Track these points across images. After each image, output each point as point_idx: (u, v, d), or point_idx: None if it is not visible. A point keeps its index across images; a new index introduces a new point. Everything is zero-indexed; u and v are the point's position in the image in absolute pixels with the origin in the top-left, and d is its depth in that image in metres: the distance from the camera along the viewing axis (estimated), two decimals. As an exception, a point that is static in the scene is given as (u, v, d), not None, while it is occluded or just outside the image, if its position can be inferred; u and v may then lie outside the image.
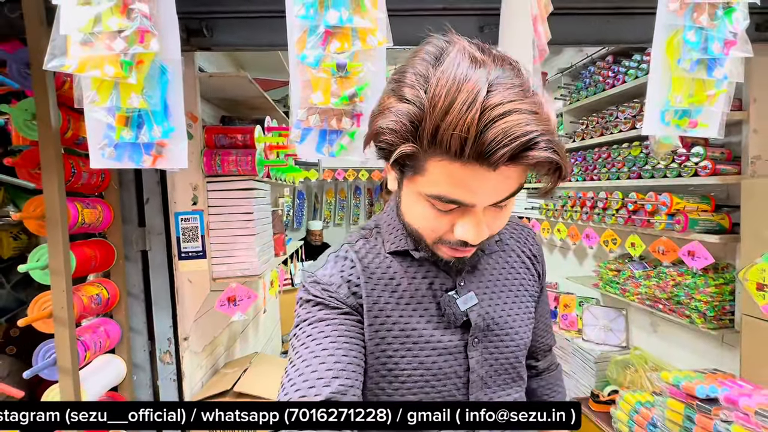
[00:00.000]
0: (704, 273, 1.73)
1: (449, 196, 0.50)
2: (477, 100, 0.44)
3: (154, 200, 1.51)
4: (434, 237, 0.57)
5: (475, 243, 0.54)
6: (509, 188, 0.51)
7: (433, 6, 1.31)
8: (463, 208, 0.52)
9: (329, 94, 0.67)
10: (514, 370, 0.69)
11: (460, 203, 0.51)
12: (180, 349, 1.53)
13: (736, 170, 1.64)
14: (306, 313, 0.63)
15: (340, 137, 0.70)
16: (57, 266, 1.06)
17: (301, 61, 0.67)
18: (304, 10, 0.66)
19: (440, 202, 0.52)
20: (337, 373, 0.56)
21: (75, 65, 0.61)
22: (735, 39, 0.65)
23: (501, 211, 0.55)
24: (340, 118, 0.68)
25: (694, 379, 1.50)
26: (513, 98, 0.45)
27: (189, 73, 1.49)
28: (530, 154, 0.45)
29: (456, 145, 0.45)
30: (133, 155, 0.67)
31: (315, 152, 0.69)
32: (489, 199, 0.51)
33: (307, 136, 0.69)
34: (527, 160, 0.45)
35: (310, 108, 0.68)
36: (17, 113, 1.11)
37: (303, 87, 0.68)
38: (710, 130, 0.70)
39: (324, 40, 0.67)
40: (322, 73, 0.67)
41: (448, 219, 0.54)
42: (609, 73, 2.21)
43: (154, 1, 0.63)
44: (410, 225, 0.60)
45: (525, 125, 0.44)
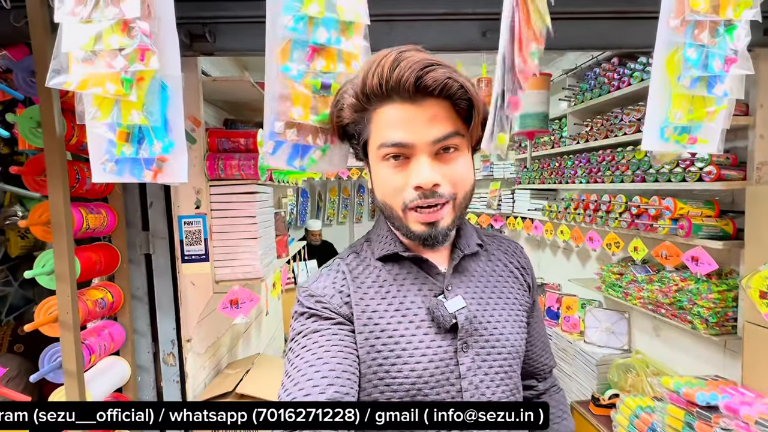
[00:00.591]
0: (707, 279, 1.72)
1: (391, 140, 0.60)
2: (390, 54, 0.58)
3: (157, 204, 1.52)
4: (400, 202, 0.62)
5: (427, 185, 0.60)
6: (440, 127, 0.60)
7: (435, 11, 1.30)
8: (411, 158, 0.61)
9: (309, 110, 0.67)
10: (510, 380, 0.68)
11: (401, 144, 0.60)
12: (183, 351, 1.55)
13: (742, 176, 1.62)
14: (300, 326, 0.64)
15: (312, 151, 0.70)
16: (62, 272, 1.08)
17: (284, 73, 0.66)
18: (293, 22, 0.65)
19: (389, 149, 0.60)
20: (332, 380, 0.57)
21: (76, 83, 0.62)
22: (736, 56, 0.64)
23: (451, 161, 0.62)
24: (315, 135, 0.69)
25: (694, 386, 1.49)
26: (423, 54, 0.59)
27: (192, 78, 1.50)
28: (430, 75, 0.57)
29: (376, 84, 0.58)
30: (133, 170, 0.68)
31: (286, 164, 0.69)
32: (424, 135, 0.59)
33: (280, 148, 0.69)
34: (429, 82, 0.57)
35: (288, 122, 0.67)
36: (23, 121, 1.13)
37: (281, 99, 0.67)
38: (710, 146, 0.70)
39: (310, 56, 0.66)
40: (304, 89, 0.66)
41: (403, 174, 0.61)
42: (614, 75, 2.19)
43: (154, 19, 0.63)
44: (381, 200, 0.65)
45: (427, 59, 0.58)
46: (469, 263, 0.72)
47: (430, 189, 0.60)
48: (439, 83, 0.57)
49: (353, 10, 0.67)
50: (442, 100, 0.60)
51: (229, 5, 1.26)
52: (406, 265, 0.69)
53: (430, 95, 0.59)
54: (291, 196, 4.54)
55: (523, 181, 3.33)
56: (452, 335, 0.65)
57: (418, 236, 0.64)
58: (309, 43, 0.65)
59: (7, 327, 1.78)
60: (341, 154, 0.74)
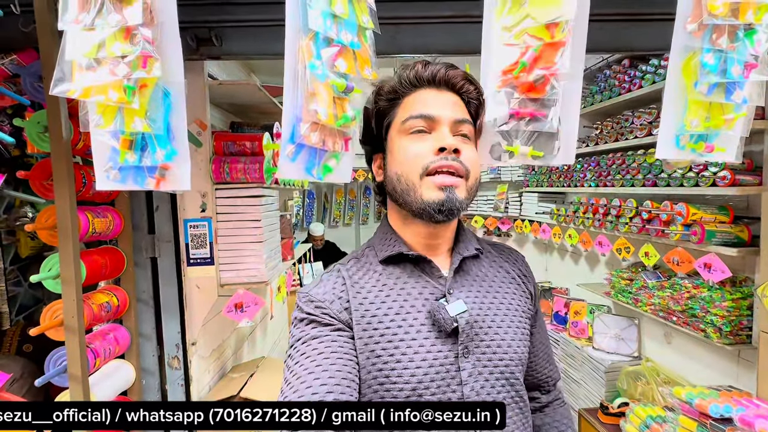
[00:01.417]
0: (721, 286, 1.68)
1: (420, 111, 0.67)
2: (420, 60, 0.71)
3: (163, 208, 1.53)
4: (419, 167, 0.65)
5: (451, 147, 0.64)
6: (459, 113, 0.68)
7: (442, 14, 1.29)
8: (435, 130, 0.67)
9: (332, 113, 0.64)
10: (512, 388, 0.67)
11: (427, 116, 0.66)
12: (188, 354, 1.55)
13: (757, 181, 1.58)
14: (300, 332, 0.64)
15: (325, 158, 0.67)
16: (68, 276, 1.08)
17: (311, 71, 0.63)
18: (321, 20, 0.62)
19: (415, 120, 0.67)
20: (332, 387, 0.56)
21: (80, 91, 0.61)
22: (756, 62, 0.62)
23: (466, 143, 0.67)
24: (335, 139, 0.66)
25: (708, 397, 1.45)
26: (446, 63, 0.71)
27: (198, 82, 1.50)
28: (455, 72, 0.69)
29: (412, 76, 0.69)
30: (137, 178, 0.67)
31: (305, 173, 0.66)
32: (447, 113, 0.67)
33: (300, 153, 0.65)
34: (452, 78, 0.69)
35: (313, 124, 0.64)
36: (30, 125, 1.13)
37: (306, 99, 0.63)
38: (727, 154, 0.67)
39: (335, 57, 0.64)
40: (325, 90, 0.64)
41: (426, 143, 0.66)
42: (625, 78, 2.15)
43: (157, 26, 0.63)
44: (397, 172, 0.68)
45: (449, 65, 0.70)
46: (471, 268, 0.72)
47: (452, 153, 0.64)
48: (461, 78, 0.69)
49: (366, 16, 0.67)
50: (460, 95, 0.70)
51: (236, 9, 1.26)
52: (408, 268, 0.69)
53: (452, 88, 0.69)
54: (297, 198, 4.54)
55: (530, 184, 3.29)
56: (453, 340, 0.64)
57: (431, 204, 0.64)
58: (335, 42, 0.63)
59: (17, 327, 1.80)
60: (349, 162, 0.73)
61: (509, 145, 0.64)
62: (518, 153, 0.63)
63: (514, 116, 0.64)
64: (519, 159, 0.65)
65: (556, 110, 0.65)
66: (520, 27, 0.64)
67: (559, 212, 2.78)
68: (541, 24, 0.63)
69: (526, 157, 0.65)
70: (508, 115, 0.64)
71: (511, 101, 0.65)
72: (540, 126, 0.65)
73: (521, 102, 0.64)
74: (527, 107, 0.63)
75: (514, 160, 0.65)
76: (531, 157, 0.65)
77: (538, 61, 0.65)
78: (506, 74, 0.64)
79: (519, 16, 0.64)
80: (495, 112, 0.68)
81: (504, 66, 0.66)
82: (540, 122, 0.65)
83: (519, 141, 0.64)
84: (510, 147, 0.63)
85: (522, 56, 0.65)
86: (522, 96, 0.64)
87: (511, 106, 0.64)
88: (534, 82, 0.65)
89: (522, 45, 0.65)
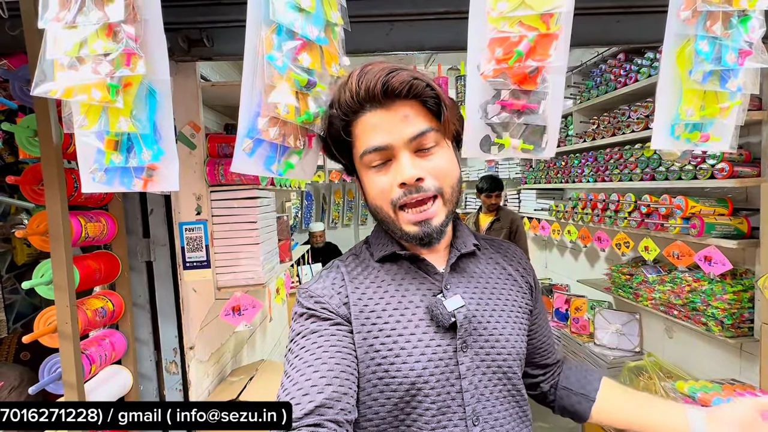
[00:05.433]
0: (722, 279, 1.66)
1: (370, 145, 0.62)
2: (356, 70, 0.63)
3: (158, 211, 1.51)
4: (389, 202, 0.64)
5: (410, 180, 0.61)
6: (414, 125, 0.62)
7: (436, 10, 1.28)
8: (392, 159, 0.63)
9: (293, 108, 0.62)
10: (509, 381, 0.68)
11: (380, 148, 0.62)
12: (186, 359, 1.54)
13: (756, 172, 1.57)
14: (299, 327, 0.65)
15: (287, 155, 0.65)
16: (60, 282, 1.07)
17: (269, 62, 0.60)
18: (285, 12, 0.61)
19: (371, 156, 0.63)
20: (330, 380, 0.57)
21: (62, 90, 0.60)
22: (750, 49, 0.61)
23: (431, 156, 0.63)
24: (296, 136, 0.65)
25: (710, 390, 1.44)
26: (387, 63, 0.62)
27: (191, 83, 1.48)
28: (395, 78, 0.60)
29: (348, 99, 0.62)
30: (123, 179, 0.66)
31: (263, 168, 0.63)
32: (399, 135, 0.61)
33: (258, 149, 0.63)
34: (395, 84, 0.60)
35: (272, 118, 0.62)
36: (20, 130, 1.12)
37: (264, 92, 0.61)
38: (722, 143, 0.66)
39: (299, 50, 0.62)
40: (287, 83, 0.62)
41: (388, 175, 0.63)
42: (621, 72, 2.14)
43: (140, 22, 0.61)
44: (372, 205, 0.67)
45: (390, 65, 0.61)
46: (468, 264, 0.72)
47: (414, 184, 0.62)
48: (405, 84, 0.60)
49: (335, 11, 0.65)
50: (411, 101, 0.62)
51: (227, 9, 1.25)
52: (404, 265, 0.70)
53: (398, 97, 0.62)
54: (296, 200, 4.53)
55: (528, 181, 3.28)
56: (451, 334, 0.64)
57: (412, 237, 0.65)
58: (299, 36, 0.62)
59: (14, 335, 1.79)
60: (314, 159, 0.72)
61: (499, 138, 0.62)
62: (509, 146, 0.62)
63: (505, 108, 0.63)
64: (507, 152, 0.64)
65: (546, 103, 0.64)
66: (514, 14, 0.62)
67: (558, 208, 2.77)
68: (536, 13, 0.62)
69: (516, 150, 0.63)
70: (499, 106, 0.63)
71: (502, 92, 0.63)
72: (532, 119, 0.64)
73: (513, 93, 0.62)
74: (519, 99, 0.62)
75: (502, 152, 0.64)
76: (521, 150, 0.63)
77: (532, 52, 0.63)
78: (500, 63, 0.63)
79: (515, 2, 0.62)
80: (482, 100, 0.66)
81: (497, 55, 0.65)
82: (532, 115, 0.64)
83: (508, 134, 0.63)
84: (500, 140, 0.62)
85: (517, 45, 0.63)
86: (514, 87, 0.62)
87: (502, 97, 0.63)
88: (528, 73, 0.64)
89: (515, 35, 0.64)
